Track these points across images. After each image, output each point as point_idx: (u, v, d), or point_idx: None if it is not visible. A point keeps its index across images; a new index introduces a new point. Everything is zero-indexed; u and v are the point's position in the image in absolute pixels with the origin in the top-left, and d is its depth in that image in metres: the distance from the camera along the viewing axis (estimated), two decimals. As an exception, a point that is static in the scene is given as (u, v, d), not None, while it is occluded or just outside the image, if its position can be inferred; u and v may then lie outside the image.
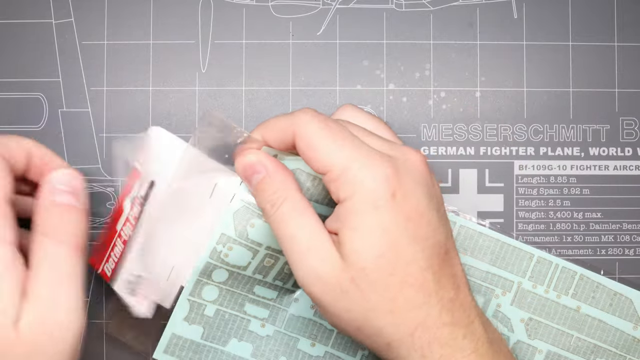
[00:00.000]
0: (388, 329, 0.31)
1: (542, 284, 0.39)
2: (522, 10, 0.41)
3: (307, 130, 0.32)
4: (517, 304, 0.39)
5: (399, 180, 0.31)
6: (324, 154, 0.31)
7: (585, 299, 0.39)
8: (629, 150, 0.41)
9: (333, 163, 0.31)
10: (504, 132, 0.41)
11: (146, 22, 0.40)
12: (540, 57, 0.41)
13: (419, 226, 0.31)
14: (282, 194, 0.32)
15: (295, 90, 0.41)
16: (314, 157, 0.31)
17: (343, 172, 0.31)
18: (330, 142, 0.31)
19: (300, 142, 0.32)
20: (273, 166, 0.33)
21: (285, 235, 0.32)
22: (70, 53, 0.40)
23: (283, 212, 0.32)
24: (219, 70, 0.40)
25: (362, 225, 0.30)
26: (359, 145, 0.31)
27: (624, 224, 0.40)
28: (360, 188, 0.30)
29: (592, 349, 0.39)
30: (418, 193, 0.31)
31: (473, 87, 0.41)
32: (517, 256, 0.39)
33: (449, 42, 0.41)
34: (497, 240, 0.39)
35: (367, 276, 0.30)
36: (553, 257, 0.39)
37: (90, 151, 0.40)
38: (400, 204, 0.30)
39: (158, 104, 0.40)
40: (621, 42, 0.41)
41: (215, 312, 0.37)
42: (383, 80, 0.41)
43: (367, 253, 0.30)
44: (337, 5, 0.41)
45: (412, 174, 0.31)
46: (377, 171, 0.30)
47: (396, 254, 0.30)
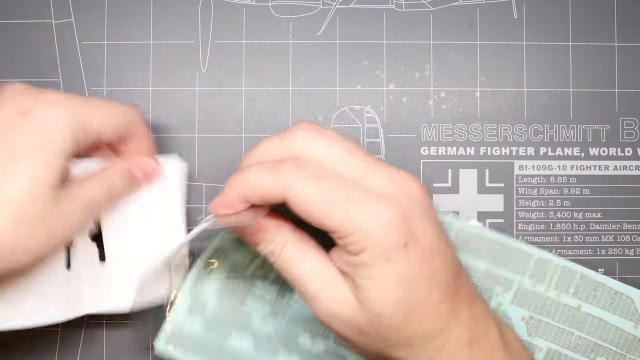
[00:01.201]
0: (408, 358, 0.31)
1: (543, 283, 0.39)
2: (522, 10, 0.41)
3: (300, 195, 0.30)
4: (517, 303, 0.39)
5: (407, 226, 0.30)
6: (328, 218, 0.30)
7: (586, 297, 0.39)
8: (629, 150, 0.41)
9: (339, 226, 0.30)
10: (504, 132, 0.41)
11: (146, 22, 0.40)
12: (540, 57, 0.41)
13: (432, 263, 0.31)
14: (280, 240, 0.32)
15: (295, 90, 0.41)
16: (317, 222, 0.30)
17: (352, 232, 0.30)
18: (331, 206, 0.30)
19: (297, 208, 0.30)
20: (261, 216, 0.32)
21: (294, 279, 0.32)
22: (70, 53, 0.40)
23: (285, 259, 0.32)
24: (219, 70, 0.40)
25: (377, 276, 0.30)
26: (362, 199, 0.30)
27: (624, 224, 0.40)
28: (372, 245, 0.30)
29: (593, 347, 0.39)
30: (427, 229, 0.31)
31: (473, 87, 0.41)
32: (517, 256, 0.39)
33: (449, 42, 0.41)
34: (496, 241, 0.39)
35: (385, 322, 0.30)
36: (553, 256, 0.39)
37: (90, 151, 0.40)
38: (413, 250, 0.30)
39: (158, 104, 0.40)
40: (621, 42, 0.41)
41: (217, 305, 0.38)
42: (383, 80, 0.41)
43: (383, 302, 0.30)
44: (337, 5, 0.41)
45: (418, 211, 0.31)
46: (388, 225, 0.30)
47: (412, 295, 0.30)
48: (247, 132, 0.40)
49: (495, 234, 0.39)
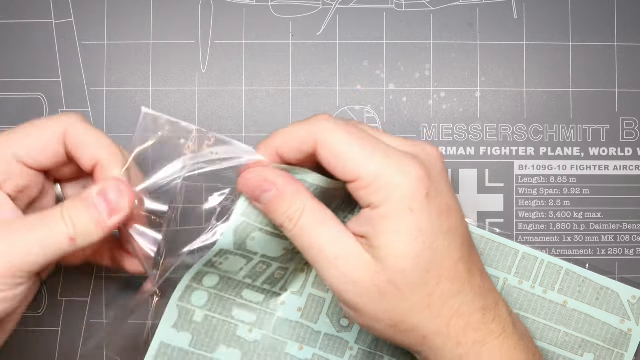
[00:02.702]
0: (425, 322, 0.31)
1: (528, 280, 0.39)
2: (522, 10, 0.41)
3: (332, 138, 0.31)
4: None
5: (430, 179, 0.31)
6: (353, 162, 0.31)
7: (571, 293, 0.39)
8: (629, 150, 0.41)
9: (364, 171, 0.30)
10: (504, 132, 0.41)
11: (146, 22, 0.40)
12: (540, 57, 0.41)
13: (449, 218, 0.31)
14: (299, 206, 0.32)
15: (295, 90, 0.41)
16: (341, 166, 0.31)
17: (376, 179, 0.30)
18: (359, 150, 0.31)
19: (325, 151, 0.31)
20: (283, 180, 0.32)
21: (311, 246, 0.31)
22: (70, 53, 0.40)
23: (303, 225, 0.32)
24: (219, 70, 0.40)
25: (399, 228, 0.30)
26: (387, 150, 0.31)
27: (624, 224, 0.40)
28: (396, 193, 0.30)
29: (580, 343, 0.39)
30: (445, 187, 0.32)
31: (473, 87, 0.41)
32: (503, 252, 0.39)
33: (449, 42, 0.41)
34: (481, 237, 0.39)
35: (406, 277, 0.30)
36: (538, 252, 0.39)
37: (90, 151, 0.40)
38: (433, 202, 0.31)
39: (158, 104, 0.40)
40: (621, 42, 0.41)
41: (204, 318, 0.37)
42: (383, 80, 0.41)
43: (406, 255, 0.30)
44: (337, 5, 0.41)
45: (437, 169, 0.32)
46: (412, 175, 0.30)
47: (432, 250, 0.31)
48: (247, 132, 0.40)
49: (482, 230, 0.39)
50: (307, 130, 0.31)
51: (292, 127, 0.32)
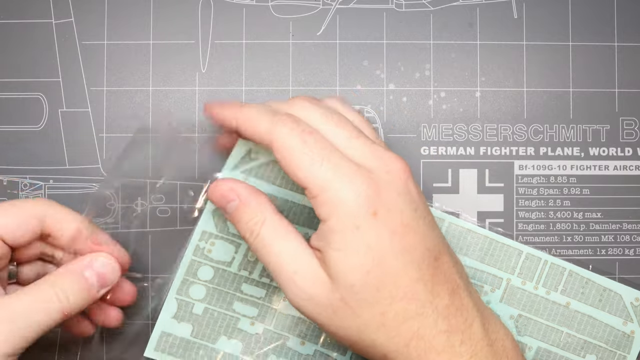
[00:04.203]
0: (382, 341, 0.31)
1: (531, 281, 0.39)
2: (522, 10, 0.41)
3: (285, 144, 0.31)
4: (506, 301, 0.39)
5: (379, 196, 0.30)
6: (302, 171, 0.31)
7: (574, 294, 0.39)
8: (629, 150, 0.41)
9: (312, 181, 0.30)
10: (504, 132, 0.41)
11: (146, 22, 0.40)
12: (540, 57, 0.41)
13: (404, 238, 0.30)
14: (260, 218, 0.32)
15: (295, 90, 0.41)
16: (292, 173, 0.31)
17: (322, 192, 0.30)
18: (308, 160, 0.30)
19: (278, 155, 0.31)
20: (246, 192, 0.33)
21: (270, 260, 0.32)
22: (70, 53, 0.40)
23: (263, 238, 0.32)
24: (219, 70, 0.40)
25: (345, 245, 0.30)
26: (338, 162, 0.31)
27: (624, 224, 0.40)
28: (340, 209, 0.30)
29: (582, 344, 0.39)
30: (401, 205, 0.31)
31: (473, 87, 0.41)
32: (506, 253, 0.39)
33: (449, 42, 0.41)
34: (485, 237, 0.39)
35: (356, 294, 0.30)
36: (542, 253, 0.39)
37: (90, 151, 0.40)
38: (383, 220, 0.30)
39: (158, 104, 0.40)
40: (621, 42, 0.41)
41: (204, 311, 0.38)
42: (383, 80, 0.41)
43: (353, 272, 0.30)
44: (337, 5, 0.41)
45: (394, 186, 0.31)
46: (357, 191, 0.30)
47: (383, 269, 0.30)
48: (247, 132, 0.40)
49: (484, 231, 0.39)
50: (266, 127, 0.32)
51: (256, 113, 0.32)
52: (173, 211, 0.39)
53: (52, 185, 0.40)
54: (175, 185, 0.39)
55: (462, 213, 0.40)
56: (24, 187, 0.40)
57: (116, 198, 0.39)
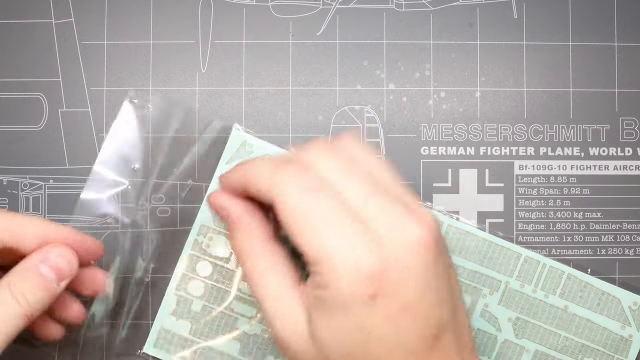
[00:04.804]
0: None
1: (530, 284, 0.39)
2: (522, 10, 0.41)
3: (287, 202, 0.27)
4: (504, 304, 0.39)
5: (383, 276, 0.26)
6: (300, 236, 0.27)
7: (572, 298, 0.39)
8: (629, 150, 0.41)
9: (310, 249, 0.27)
10: (504, 132, 0.41)
11: (146, 22, 0.40)
12: (540, 57, 0.41)
13: (398, 321, 0.27)
14: (246, 248, 0.30)
15: (295, 90, 0.41)
16: (292, 233, 0.28)
17: (320, 263, 0.27)
18: (309, 224, 0.27)
19: (280, 214, 0.28)
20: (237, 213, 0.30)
21: (256, 292, 0.30)
22: (70, 53, 0.40)
23: (246, 270, 0.30)
24: (219, 70, 0.40)
25: (334, 320, 0.27)
26: (343, 229, 0.27)
27: (624, 224, 0.40)
28: (337, 285, 0.27)
29: (580, 348, 0.39)
30: (409, 285, 0.27)
31: (473, 87, 0.41)
32: (505, 256, 0.39)
33: (449, 42, 0.41)
34: (484, 240, 0.39)
35: None
36: (541, 256, 0.39)
37: (90, 151, 0.40)
38: (381, 305, 0.27)
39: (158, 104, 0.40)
40: (621, 42, 0.41)
41: (202, 308, 0.38)
42: (383, 80, 0.41)
43: (334, 347, 0.27)
44: (337, 5, 0.41)
45: (407, 260, 0.27)
46: (359, 269, 0.26)
47: (365, 354, 0.27)
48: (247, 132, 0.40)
49: (483, 233, 0.39)
50: (268, 183, 0.28)
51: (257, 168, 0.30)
52: (173, 211, 0.39)
53: (52, 185, 0.40)
54: (176, 185, 0.39)
55: (460, 216, 0.40)
56: (24, 187, 0.40)
57: (116, 198, 0.39)
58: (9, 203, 0.40)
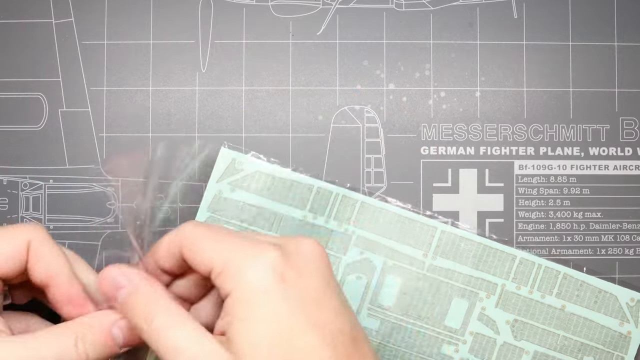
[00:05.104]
0: None
1: (526, 285, 0.39)
2: (522, 10, 0.41)
3: (190, 236, 0.30)
4: (501, 306, 0.39)
5: (287, 262, 0.28)
6: (205, 252, 0.29)
7: (569, 297, 0.39)
8: (629, 150, 0.41)
9: (215, 258, 0.29)
10: (504, 132, 0.41)
11: (146, 22, 0.40)
12: (540, 57, 0.41)
13: (315, 311, 0.28)
14: (154, 306, 0.29)
15: (295, 90, 0.41)
16: (198, 260, 0.29)
17: (225, 265, 0.28)
18: (211, 241, 0.29)
19: (185, 250, 0.30)
20: (139, 278, 0.30)
21: (167, 348, 0.28)
22: (70, 53, 0.40)
23: (159, 325, 0.29)
24: (219, 70, 0.40)
25: (252, 315, 0.28)
26: (241, 238, 0.29)
27: (624, 224, 0.40)
28: (245, 276, 0.28)
29: (580, 347, 0.39)
30: (312, 277, 0.29)
31: (473, 87, 0.41)
32: (500, 258, 0.39)
33: (449, 42, 0.41)
34: (479, 243, 0.39)
35: None
36: (536, 257, 0.39)
37: (90, 151, 0.40)
38: (292, 288, 0.28)
39: (158, 103, 0.40)
40: (621, 42, 0.41)
41: None
42: (383, 80, 0.41)
43: (259, 345, 0.27)
44: (337, 5, 0.41)
45: (305, 260, 0.29)
46: (262, 257, 0.28)
47: (292, 343, 0.27)
48: (247, 132, 0.40)
49: (477, 237, 0.39)
50: (174, 235, 0.31)
51: (164, 237, 0.31)
52: (173, 211, 0.39)
53: (52, 185, 0.40)
54: (178, 186, 0.39)
55: (454, 220, 0.40)
56: (24, 187, 0.40)
57: (116, 198, 0.40)
58: (9, 203, 0.40)
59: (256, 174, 0.36)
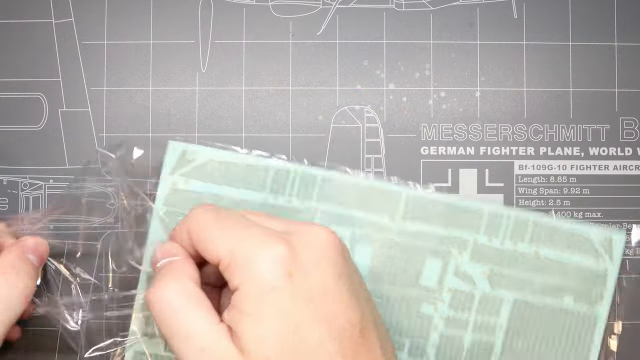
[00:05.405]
0: None
1: (497, 236, 0.39)
2: (522, 10, 0.41)
3: (197, 222, 0.30)
4: (475, 259, 0.38)
5: (295, 257, 0.28)
6: (212, 241, 0.29)
7: (542, 243, 0.38)
8: (629, 150, 0.41)
9: (222, 248, 0.29)
10: (504, 132, 0.41)
11: (146, 22, 0.40)
12: (540, 57, 0.41)
13: (323, 305, 0.28)
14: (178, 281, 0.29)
15: (295, 90, 0.41)
16: (205, 248, 0.29)
17: (233, 257, 0.28)
18: (217, 228, 0.29)
19: (193, 236, 0.30)
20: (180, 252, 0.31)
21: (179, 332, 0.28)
22: (70, 53, 0.40)
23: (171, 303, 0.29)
24: (219, 70, 0.40)
25: (259, 310, 0.27)
26: (249, 226, 0.29)
27: (624, 224, 0.40)
28: (252, 271, 0.28)
29: (558, 289, 0.38)
30: (321, 270, 0.29)
31: (473, 87, 0.41)
32: (469, 215, 0.39)
33: (449, 42, 0.41)
34: (447, 204, 0.39)
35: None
36: (504, 208, 0.39)
37: (90, 151, 0.40)
38: (300, 283, 0.28)
39: (158, 104, 0.40)
40: (621, 42, 0.41)
41: None
42: (383, 80, 0.41)
43: (268, 341, 0.27)
44: (337, 5, 0.41)
45: (313, 250, 0.29)
46: (269, 250, 0.28)
47: (300, 338, 0.27)
48: (247, 132, 0.40)
49: (446, 196, 0.39)
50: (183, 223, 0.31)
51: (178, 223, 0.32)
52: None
53: (52, 185, 0.40)
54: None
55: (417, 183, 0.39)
56: (24, 187, 0.40)
57: (116, 198, 0.40)
58: (9, 203, 0.40)
59: (209, 162, 0.36)
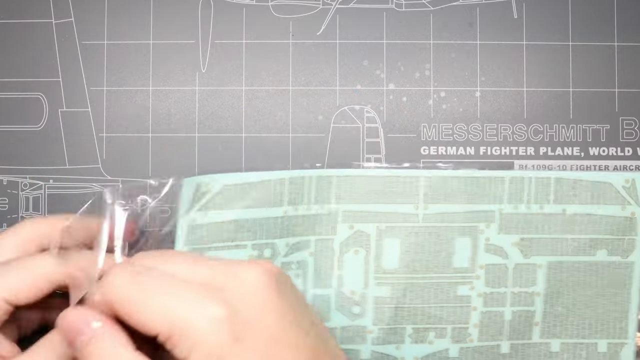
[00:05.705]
0: None
1: (522, 202, 0.38)
2: (522, 10, 0.41)
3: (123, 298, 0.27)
4: (504, 231, 0.38)
5: (234, 317, 0.27)
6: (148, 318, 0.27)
7: (567, 200, 0.38)
8: (629, 150, 0.41)
9: (158, 322, 0.27)
10: (504, 132, 0.41)
11: (146, 22, 0.40)
12: (540, 57, 0.41)
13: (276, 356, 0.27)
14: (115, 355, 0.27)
15: (295, 90, 0.41)
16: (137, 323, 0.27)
17: (171, 329, 0.26)
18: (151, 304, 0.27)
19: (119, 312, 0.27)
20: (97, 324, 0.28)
21: None
22: (70, 53, 0.40)
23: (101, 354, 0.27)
24: (219, 70, 0.40)
25: None
26: (181, 290, 0.27)
27: (624, 224, 0.40)
28: (197, 343, 0.26)
29: (590, 243, 0.38)
30: (264, 321, 0.27)
31: (473, 87, 0.41)
32: (490, 185, 0.38)
33: (449, 42, 0.41)
34: (466, 178, 0.38)
35: None
36: (523, 171, 0.38)
37: (90, 151, 0.40)
38: (249, 343, 0.27)
39: (158, 104, 0.40)
40: (621, 42, 0.41)
41: None
42: (383, 80, 0.41)
43: None
44: (337, 5, 0.41)
45: (250, 301, 0.28)
46: (209, 316, 0.26)
47: None
48: (247, 132, 0.40)
49: (463, 172, 0.38)
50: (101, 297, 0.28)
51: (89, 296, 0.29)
52: (173, 211, 0.39)
53: (52, 185, 0.40)
54: (175, 185, 0.39)
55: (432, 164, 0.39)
56: (24, 187, 0.40)
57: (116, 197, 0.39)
58: (9, 203, 0.40)
59: (223, 189, 0.35)
